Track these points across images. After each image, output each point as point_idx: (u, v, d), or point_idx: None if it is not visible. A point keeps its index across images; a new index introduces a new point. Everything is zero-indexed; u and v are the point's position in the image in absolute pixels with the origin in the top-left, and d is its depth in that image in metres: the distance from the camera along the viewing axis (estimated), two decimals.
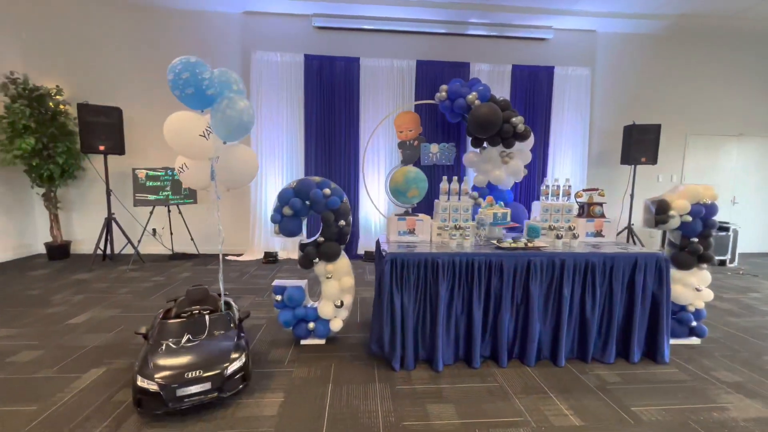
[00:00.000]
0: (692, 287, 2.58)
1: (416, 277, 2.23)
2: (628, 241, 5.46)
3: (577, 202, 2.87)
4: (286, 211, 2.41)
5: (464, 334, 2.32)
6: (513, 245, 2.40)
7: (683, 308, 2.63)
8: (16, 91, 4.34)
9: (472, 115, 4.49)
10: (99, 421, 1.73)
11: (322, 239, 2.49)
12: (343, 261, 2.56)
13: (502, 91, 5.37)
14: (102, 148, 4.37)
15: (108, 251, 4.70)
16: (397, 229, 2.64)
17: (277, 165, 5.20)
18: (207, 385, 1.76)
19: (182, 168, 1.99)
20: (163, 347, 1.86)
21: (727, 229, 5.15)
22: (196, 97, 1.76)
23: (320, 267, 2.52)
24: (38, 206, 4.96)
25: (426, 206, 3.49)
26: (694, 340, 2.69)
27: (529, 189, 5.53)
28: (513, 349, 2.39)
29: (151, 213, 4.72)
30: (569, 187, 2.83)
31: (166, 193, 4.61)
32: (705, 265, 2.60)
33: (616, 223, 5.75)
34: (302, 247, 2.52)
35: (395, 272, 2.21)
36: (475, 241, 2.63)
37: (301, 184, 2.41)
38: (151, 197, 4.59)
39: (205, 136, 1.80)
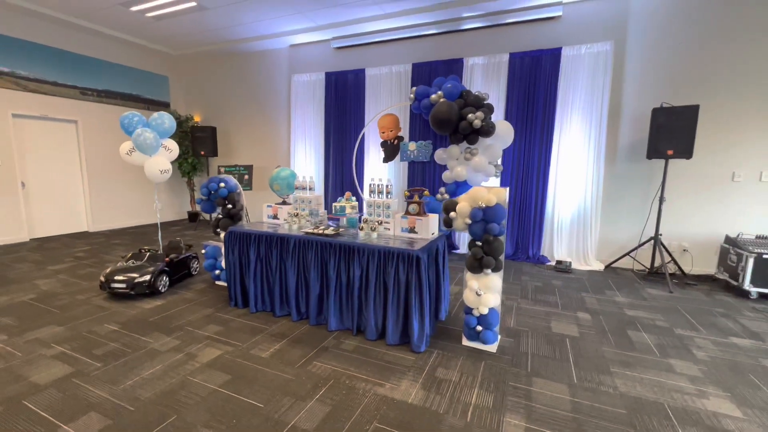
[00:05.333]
0: (474, 291, 2.55)
1: (241, 245, 3.24)
2: (654, 255, 4.37)
3: (406, 200, 3.10)
4: (202, 197, 3.80)
5: (272, 289, 3.17)
6: (311, 231, 3.05)
7: (471, 311, 2.62)
8: None
9: (430, 115, 4.70)
10: (91, 292, 3.61)
11: (220, 216, 3.78)
12: None
13: (498, 83, 5.15)
14: (203, 153, 6.89)
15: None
16: (266, 214, 3.64)
17: (308, 159, 6.68)
18: (123, 285, 3.38)
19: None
20: (119, 263, 3.60)
21: None
22: (127, 132, 3.34)
23: (221, 234, 3.81)
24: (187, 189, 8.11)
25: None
26: (491, 347, 2.61)
27: (526, 186, 5.10)
28: (309, 309, 3.06)
29: None
30: (390, 185, 3.10)
31: None
32: (489, 270, 2.51)
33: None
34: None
35: (231, 240, 3.28)
36: (310, 225, 3.34)
37: (208, 181, 3.74)
38: None
39: (129, 154, 3.37)
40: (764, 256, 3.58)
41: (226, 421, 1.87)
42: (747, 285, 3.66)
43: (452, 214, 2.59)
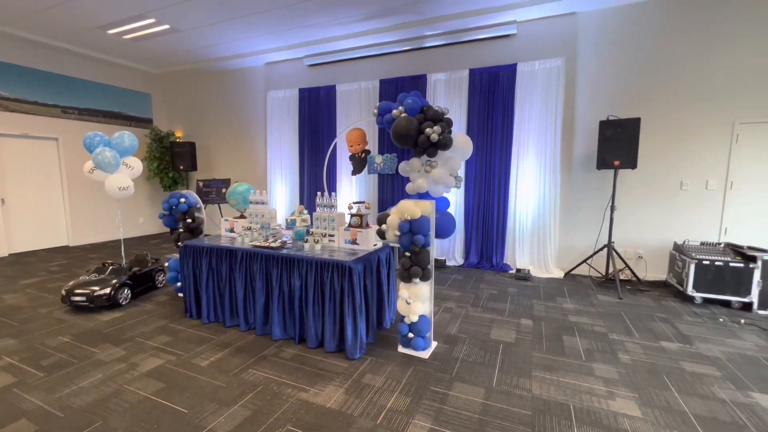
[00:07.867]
0: (404, 300, 2.67)
1: (195, 258, 3.37)
2: (608, 262, 4.49)
3: (349, 213, 3.24)
4: (164, 212, 3.95)
5: (222, 300, 3.29)
6: (258, 243, 3.18)
7: (403, 319, 2.74)
8: (152, 136, 7.53)
9: (391, 130, 4.88)
10: (54, 306, 3.72)
11: (181, 230, 3.91)
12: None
13: (460, 98, 5.34)
14: (182, 167, 7.07)
15: None
16: (224, 228, 3.77)
17: (284, 173, 6.84)
18: (83, 298, 3.50)
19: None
20: (81, 277, 3.72)
21: (753, 259, 3.58)
22: (89, 151, 3.51)
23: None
24: None
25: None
26: (423, 354, 2.72)
27: (488, 196, 5.25)
28: (256, 319, 3.17)
29: (204, 207, 7.19)
30: (334, 199, 3.25)
31: (212, 196, 6.95)
32: (417, 279, 2.63)
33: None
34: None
35: (186, 254, 3.42)
36: (261, 238, 3.47)
37: (169, 197, 3.90)
38: (206, 198, 7.01)
39: (91, 173, 3.53)
40: (704, 262, 3.70)
41: (148, 425, 1.98)
42: (690, 290, 3.77)
43: (383, 226, 2.73)
